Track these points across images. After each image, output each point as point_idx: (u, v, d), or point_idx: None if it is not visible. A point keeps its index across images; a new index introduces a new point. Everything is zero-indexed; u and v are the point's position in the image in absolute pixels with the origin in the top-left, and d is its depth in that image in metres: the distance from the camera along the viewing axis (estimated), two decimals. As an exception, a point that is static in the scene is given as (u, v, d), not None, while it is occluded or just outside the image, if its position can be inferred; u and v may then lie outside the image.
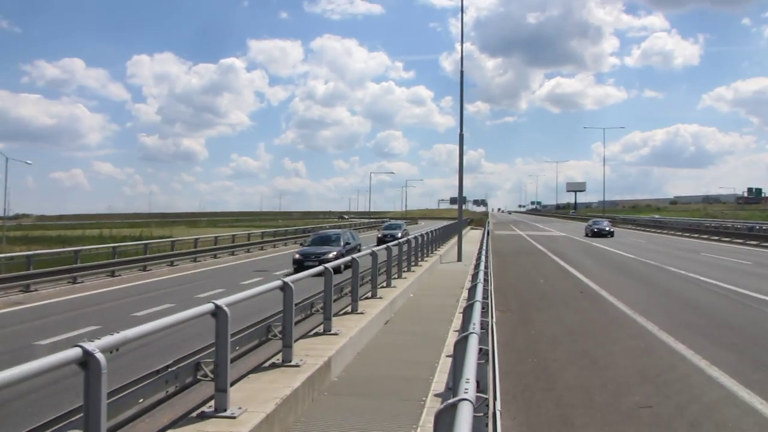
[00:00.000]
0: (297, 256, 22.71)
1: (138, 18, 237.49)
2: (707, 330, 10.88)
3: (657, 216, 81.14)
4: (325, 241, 24.89)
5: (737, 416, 6.31)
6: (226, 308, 4.97)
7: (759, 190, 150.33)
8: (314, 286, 9.47)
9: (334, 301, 9.22)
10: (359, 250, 22.17)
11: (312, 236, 27.30)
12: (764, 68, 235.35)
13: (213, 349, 5.10)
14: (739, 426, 6.06)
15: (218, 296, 5.73)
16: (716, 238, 40.91)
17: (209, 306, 4.94)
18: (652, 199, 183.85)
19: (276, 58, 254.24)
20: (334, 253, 22.10)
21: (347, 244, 24.49)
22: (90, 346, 3.33)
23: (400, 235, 34.02)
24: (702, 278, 18.50)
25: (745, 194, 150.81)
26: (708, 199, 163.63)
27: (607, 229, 47.60)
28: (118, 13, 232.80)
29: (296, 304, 7.40)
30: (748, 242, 35.93)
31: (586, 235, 47.60)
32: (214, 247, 29.69)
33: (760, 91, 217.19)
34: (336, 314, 9.54)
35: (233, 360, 5.64)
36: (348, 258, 10.72)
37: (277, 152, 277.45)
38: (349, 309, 10.34)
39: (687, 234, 46.81)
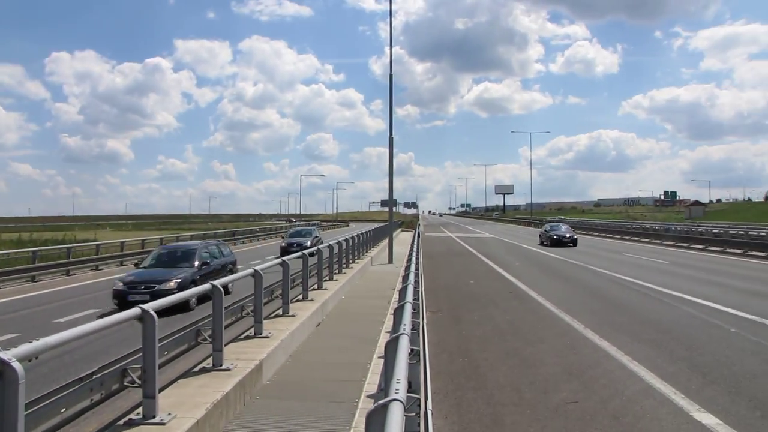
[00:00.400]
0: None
1: (56, 13, 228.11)
2: (629, 327, 11.27)
3: (587, 219, 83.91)
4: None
5: (654, 407, 6.61)
6: (153, 313, 4.86)
7: (674, 194, 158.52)
8: (246, 289, 9.32)
9: (265, 304, 9.16)
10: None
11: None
12: (675, 78, 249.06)
13: (140, 354, 4.97)
14: (656, 416, 6.34)
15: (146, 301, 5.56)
16: (636, 238, 42.67)
17: (135, 310, 4.82)
18: (577, 202, 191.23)
19: (204, 58, 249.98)
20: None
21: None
22: (6, 355, 3.19)
23: (309, 244, 28.27)
24: (624, 277, 19.21)
25: (662, 197, 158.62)
26: (629, 202, 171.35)
27: (568, 236, 36.81)
28: (33, 7, 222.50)
29: (226, 308, 7.35)
30: (665, 242, 37.64)
31: (542, 244, 37.49)
32: (142, 250, 28.78)
33: (672, 99, 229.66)
34: (267, 317, 9.48)
35: (162, 365, 5.52)
36: (278, 261, 10.57)
37: (206, 154, 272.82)
38: (280, 312, 10.27)
39: (610, 235, 48.70)
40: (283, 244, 20.40)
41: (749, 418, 6.26)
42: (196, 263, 16.02)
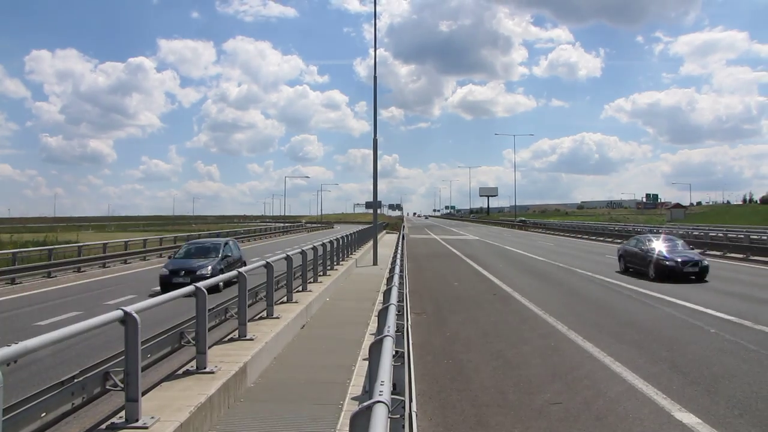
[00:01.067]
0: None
1: (37, 10, 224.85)
2: (612, 328, 11.37)
3: (571, 221, 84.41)
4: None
5: (637, 407, 6.67)
6: (135, 315, 4.82)
7: (656, 196, 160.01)
8: (229, 291, 9.27)
9: (249, 305, 9.11)
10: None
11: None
12: (656, 83, 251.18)
13: (123, 357, 4.92)
14: (638, 416, 6.40)
15: (129, 303, 5.53)
16: (620, 241, 42.83)
17: (118, 313, 4.77)
18: (560, 204, 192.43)
19: (187, 58, 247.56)
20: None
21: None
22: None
23: (209, 271, 17.75)
24: (607, 279, 19.43)
25: (644, 200, 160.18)
26: (612, 204, 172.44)
27: (696, 259, 19.53)
28: (13, 4, 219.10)
29: (210, 310, 7.29)
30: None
31: (627, 271, 21.60)
32: (125, 252, 28.58)
33: (653, 103, 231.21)
34: (251, 319, 9.44)
35: (145, 368, 5.47)
36: (262, 262, 10.52)
37: (190, 155, 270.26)
38: (264, 314, 10.23)
39: (593, 237, 49.06)
40: (164, 271, 17.67)
41: (728, 416, 6.35)
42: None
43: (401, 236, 30.79)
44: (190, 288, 6.58)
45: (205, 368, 6.53)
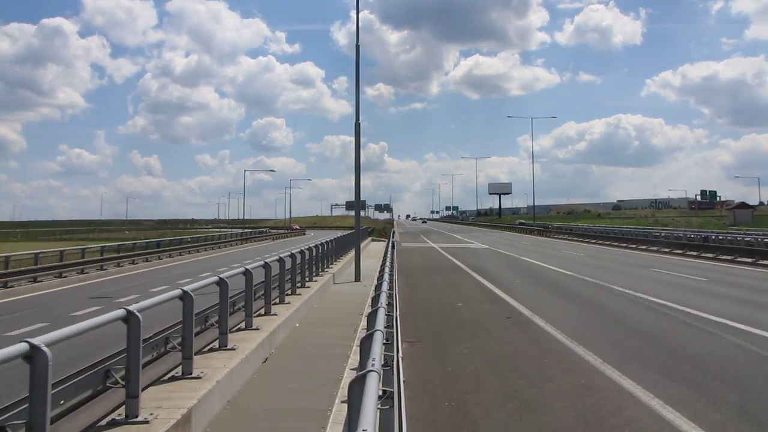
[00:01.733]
0: None
1: None
2: (661, 362, 11.29)
3: (601, 225, 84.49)
4: None
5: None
6: (45, 349, 4.77)
7: (713, 193, 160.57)
8: (168, 316, 9.14)
9: (197, 334, 9.06)
10: None
11: None
12: (713, 50, 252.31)
13: (26, 405, 4.85)
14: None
15: (38, 333, 5.43)
16: (667, 250, 43.43)
17: (22, 346, 4.72)
18: (591, 204, 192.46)
19: (120, 21, 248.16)
20: None
21: None
22: None
23: None
24: (652, 299, 19.34)
25: (698, 198, 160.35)
26: (657, 204, 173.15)
27: None
28: None
29: (145, 340, 7.23)
30: (702, 255, 38.31)
31: None
32: (35, 267, 28.27)
33: (709, 77, 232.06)
34: (199, 352, 9.42)
35: (55, 419, 5.39)
36: (213, 278, 10.39)
37: (123, 143, 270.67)
38: (216, 344, 10.21)
39: (633, 245, 49.47)
40: None
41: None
42: None
43: (391, 244, 30.91)
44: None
45: (136, 416, 6.43)
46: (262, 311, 13.36)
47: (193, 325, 8.58)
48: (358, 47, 26.08)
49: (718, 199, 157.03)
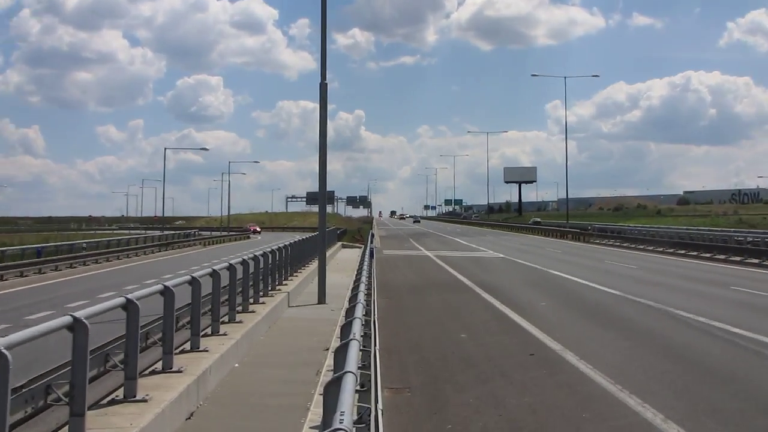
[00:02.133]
0: None
1: None
2: (749, 418, 10.84)
3: (666, 227, 77.45)
4: None
5: None
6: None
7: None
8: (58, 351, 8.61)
9: (94, 379, 8.73)
10: None
11: None
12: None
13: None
14: None
15: None
16: (755, 261, 40.88)
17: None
18: (648, 196, 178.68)
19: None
20: None
21: None
22: None
23: None
24: (732, 329, 18.26)
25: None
26: (740, 197, 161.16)
27: None
28: None
29: (14, 390, 6.80)
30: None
31: None
32: None
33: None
34: (96, 403, 8.91)
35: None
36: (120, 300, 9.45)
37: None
38: (121, 393, 9.44)
39: (707, 254, 46.38)
40: None
41: None
42: None
43: (368, 252, 31.22)
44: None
45: None
46: (187, 346, 12.71)
47: (88, 366, 7.90)
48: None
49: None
